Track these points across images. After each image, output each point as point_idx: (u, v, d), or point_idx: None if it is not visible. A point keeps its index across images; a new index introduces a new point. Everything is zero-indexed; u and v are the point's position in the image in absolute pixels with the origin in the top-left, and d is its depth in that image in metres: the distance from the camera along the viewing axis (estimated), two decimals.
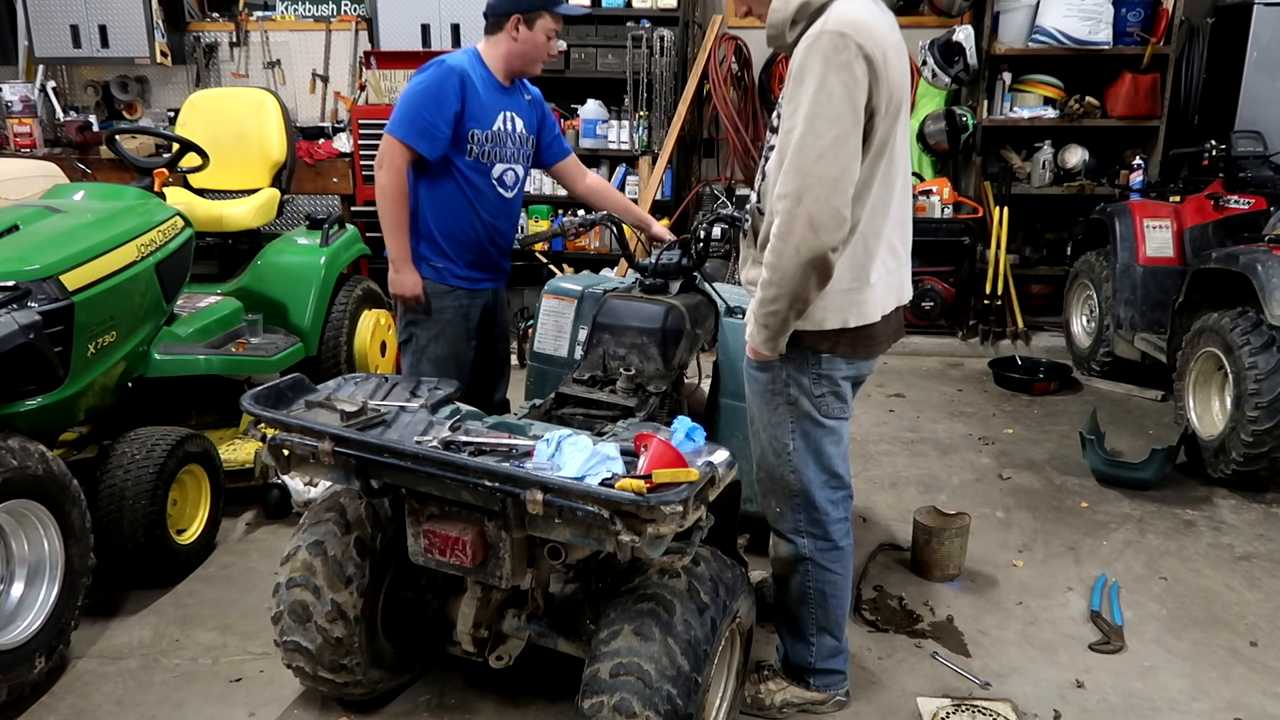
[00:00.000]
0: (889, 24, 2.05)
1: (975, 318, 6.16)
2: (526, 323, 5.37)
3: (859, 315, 2.15)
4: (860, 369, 2.26)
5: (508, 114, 3.15)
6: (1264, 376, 3.72)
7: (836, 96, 1.92)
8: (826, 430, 2.27)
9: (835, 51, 1.92)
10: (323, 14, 6.85)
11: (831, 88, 1.92)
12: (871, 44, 1.93)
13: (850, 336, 2.17)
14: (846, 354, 2.19)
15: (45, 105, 6.71)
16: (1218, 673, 2.76)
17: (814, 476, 2.30)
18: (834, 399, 2.25)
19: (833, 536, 2.37)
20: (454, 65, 3.00)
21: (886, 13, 2.09)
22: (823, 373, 2.21)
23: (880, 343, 2.25)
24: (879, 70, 1.95)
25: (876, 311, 2.17)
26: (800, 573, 2.40)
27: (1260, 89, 5.73)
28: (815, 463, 2.29)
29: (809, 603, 2.43)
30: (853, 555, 2.46)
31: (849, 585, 2.47)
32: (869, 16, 1.98)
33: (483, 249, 3.22)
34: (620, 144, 6.32)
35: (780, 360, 2.21)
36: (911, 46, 6.19)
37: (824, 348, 2.18)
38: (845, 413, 2.29)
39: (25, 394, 2.77)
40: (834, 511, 2.35)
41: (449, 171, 3.08)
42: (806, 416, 2.25)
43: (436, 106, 2.96)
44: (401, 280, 3.13)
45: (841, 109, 1.92)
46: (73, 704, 2.56)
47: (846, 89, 1.92)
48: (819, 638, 2.46)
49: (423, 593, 2.55)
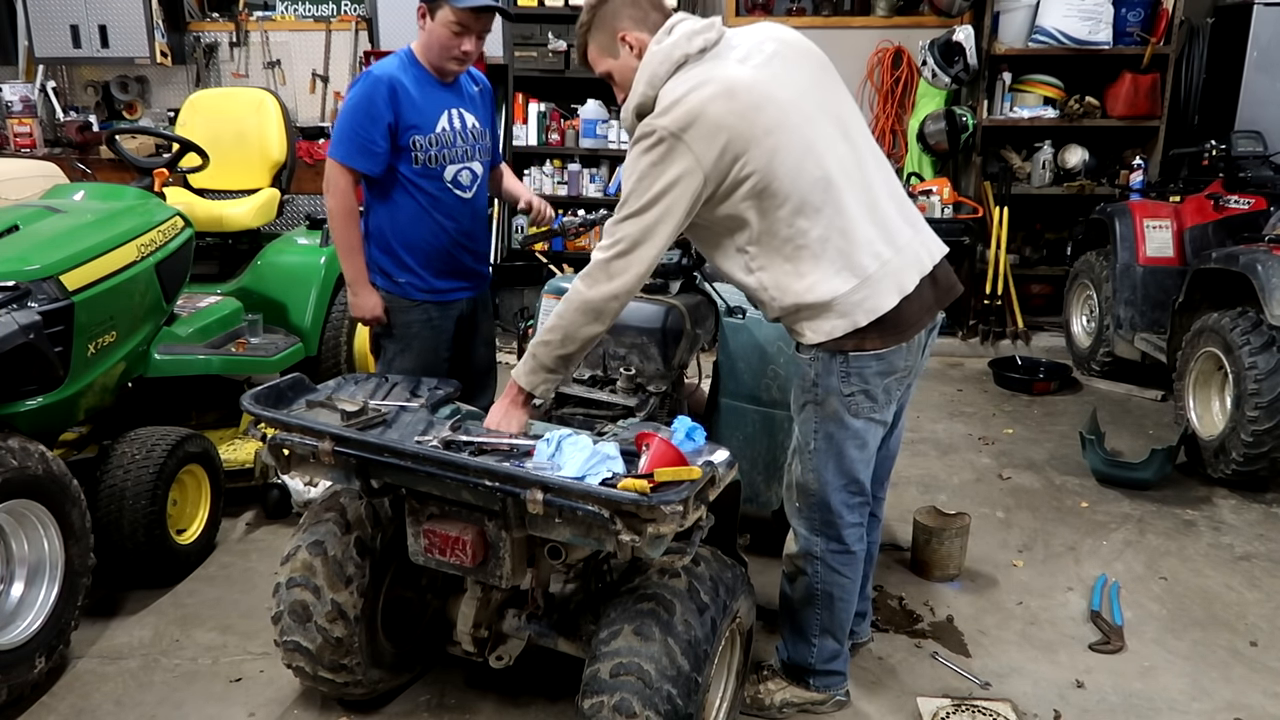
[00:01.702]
0: (735, 59, 2.08)
1: (975, 318, 6.16)
2: (526, 323, 5.35)
3: (867, 312, 2.14)
4: (893, 363, 2.20)
5: (453, 111, 2.98)
6: (1264, 376, 3.72)
7: (657, 187, 2.03)
8: (851, 433, 2.24)
9: (650, 148, 2.03)
10: (323, 14, 6.85)
11: (651, 180, 2.03)
12: (695, 122, 1.99)
13: (874, 330, 2.15)
14: (875, 346, 2.16)
15: (45, 105, 6.71)
16: (1218, 673, 2.76)
17: (832, 479, 2.29)
18: (864, 398, 2.21)
19: (845, 540, 2.36)
20: (380, 74, 2.86)
21: (733, 47, 2.12)
22: (851, 370, 2.18)
23: (908, 325, 2.19)
24: (710, 139, 2.00)
25: (891, 298, 2.14)
26: (809, 572, 2.40)
27: (1260, 89, 5.73)
28: (835, 465, 2.28)
29: (815, 604, 2.42)
30: (863, 561, 2.44)
31: (856, 590, 2.46)
32: (693, 89, 2.03)
33: (450, 257, 3.06)
34: (620, 144, 6.31)
35: (810, 360, 2.22)
36: (911, 46, 6.23)
37: (849, 346, 2.16)
38: (875, 413, 2.24)
39: (25, 394, 2.77)
40: (849, 515, 2.34)
41: (398, 182, 2.95)
42: (831, 418, 2.23)
43: (370, 121, 2.84)
44: (360, 303, 3.02)
45: (667, 205, 2.04)
46: (73, 704, 2.56)
47: (669, 181, 2.02)
48: (821, 639, 2.46)
49: (423, 593, 2.55)
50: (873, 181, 2.19)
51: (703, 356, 3.04)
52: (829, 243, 2.10)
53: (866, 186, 2.18)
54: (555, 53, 6.14)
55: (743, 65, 2.09)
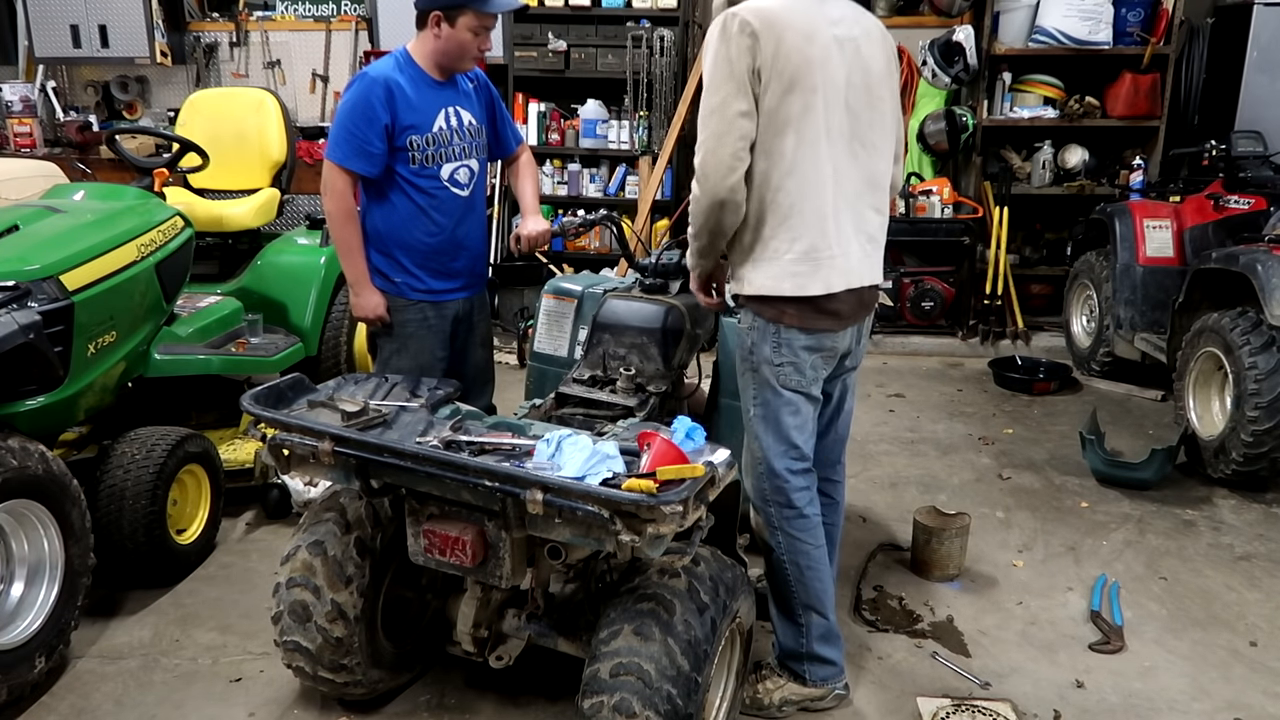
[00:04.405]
0: (827, 18, 2.25)
1: (975, 318, 6.16)
2: (526, 323, 5.37)
3: (797, 286, 2.29)
4: (821, 341, 2.36)
5: (449, 110, 3.00)
6: (1264, 376, 3.72)
7: (719, 66, 2.20)
8: (784, 400, 2.39)
9: (721, 28, 2.21)
10: (323, 14, 6.85)
11: (716, 59, 2.21)
12: (759, 22, 2.16)
13: (796, 306, 2.31)
14: (795, 323, 2.32)
15: (45, 105, 6.71)
16: (1218, 673, 2.76)
17: (772, 444, 2.41)
18: (793, 370, 2.36)
19: (796, 503, 2.43)
20: (376, 75, 2.87)
21: (831, 6, 2.28)
22: (781, 341, 2.34)
23: (832, 318, 2.35)
24: (761, 44, 2.16)
25: (818, 287, 2.29)
26: (774, 547, 2.47)
27: (1260, 89, 5.74)
28: (774, 432, 2.40)
29: (788, 579, 2.47)
30: (822, 528, 2.49)
31: (824, 559, 2.50)
32: (775, 5, 2.21)
33: (446, 257, 3.06)
34: (620, 144, 6.32)
35: (748, 329, 2.39)
36: (911, 46, 6.23)
37: (771, 315, 2.33)
38: (804, 386, 2.39)
39: (25, 394, 2.77)
40: (794, 480, 2.43)
41: (395, 183, 2.95)
42: (767, 385, 2.39)
43: (367, 123, 2.85)
44: (361, 303, 3.03)
45: (723, 73, 2.19)
46: (73, 704, 2.56)
47: (729, 60, 2.18)
48: (806, 616, 2.48)
49: (423, 593, 2.55)
50: (849, 187, 2.33)
51: (703, 356, 3.04)
52: (788, 207, 2.26)
53: (840, 188, 2.31)
54: (555, 53, 6.15)
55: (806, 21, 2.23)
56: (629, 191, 6.40)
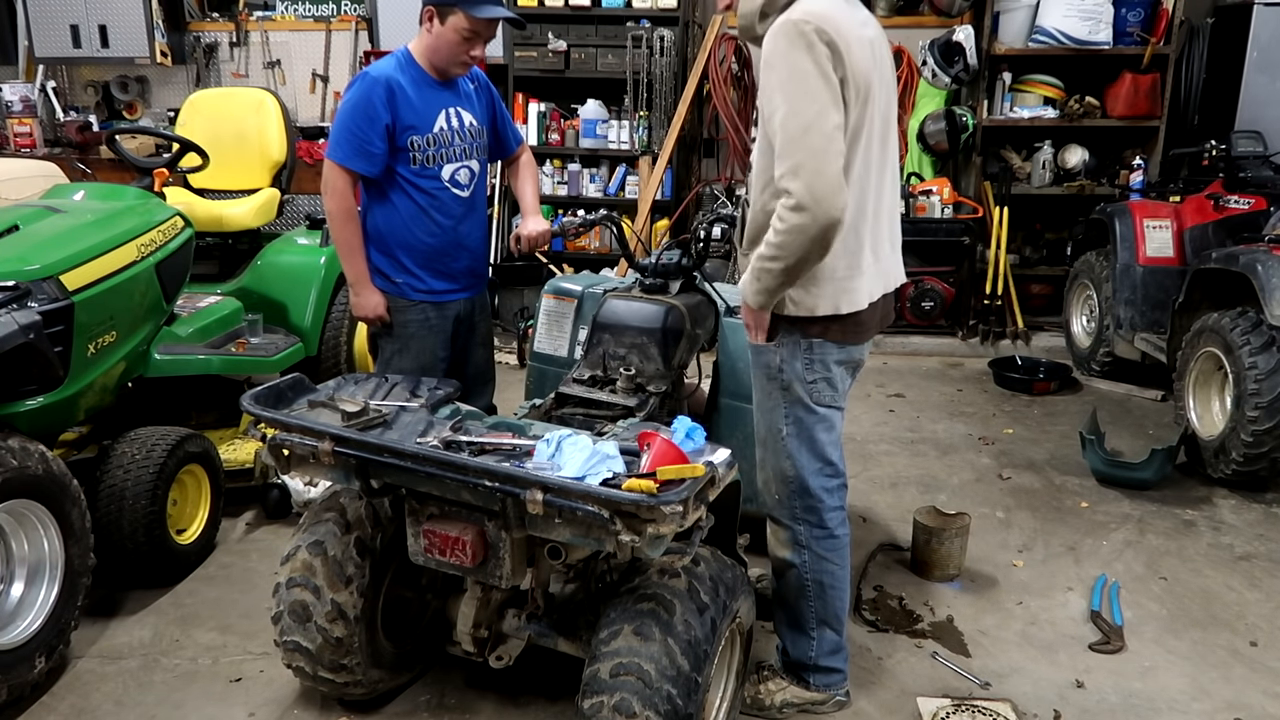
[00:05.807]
0: (858, 20, 2.16)
1: (975, 318, 6.16)
2: (526, 323, 5.37)
3: (850, 302, 2.23)
4: (851, 354, 2.33)
5: (450, 110, 2.99)
6: (1264, 376, 3.72)
7: (810, 74, 2.02)
8: (818, 417, 2.33)
9: (798, 35, 2.03)
10: (323, 14, 6.85)
11: (803, 67, 2.02)
12: (832, 30, 2.03)
13: (840, 323, 2.25)
14: (837, 339, 2.27)
15: (45, 105, 6.71)
16: (1218, 673, 2.76)
17: (807, 463, 2.35)
18: (826, 385, 2.31)
19: (828, 524, 2.39)
20: (377, 75, 2.86)
21: (857, 9, 2.21)
22: (815, 358, 2.28)
23: (869, 328, 2.33)
24: (841, 54, 2.04)
25: (865, 299, 2.25)
26: (798, 563, 2.42)
27: (1260, 89, 5.74)
28: (808, 449, 2.34)
29: (807, 595, 2.44)
30: (849, 547, 2.47)
31: (847, 577, 2.47)
32: (831, 9, 2.09)
33: (447, 257, 3.06)
34: (620, 144, 6.32)
35: (775, 346, 2.29)
36: (911, 46, 6.23)
37: (814, 333, 2.26)
38: (836, 401, 2.34)
39: (25, 394, 2.77)
40: (829, 499, 2.39)
41: (396, 183, 2.95)
42: (799, 403, 2.31)
43: (368, 122, 2.84)
44: (362, 303, 3.03)
45: (816, 85, 2.02)
46: (73, 704, 2.56)
47: (817, 66, 2.02)
48: (819, 631, 2.47)
49: (423, 593, 2.55)
50: (885, 192, 2.29)
51: (703, 356, 3.04)
52: (848, 224, 2.14)
53: (892, 193, 2.31)
54: (555, 53, 6.15)
55: (862, 27, 2.16)
56: (629, 192, 6.40)
